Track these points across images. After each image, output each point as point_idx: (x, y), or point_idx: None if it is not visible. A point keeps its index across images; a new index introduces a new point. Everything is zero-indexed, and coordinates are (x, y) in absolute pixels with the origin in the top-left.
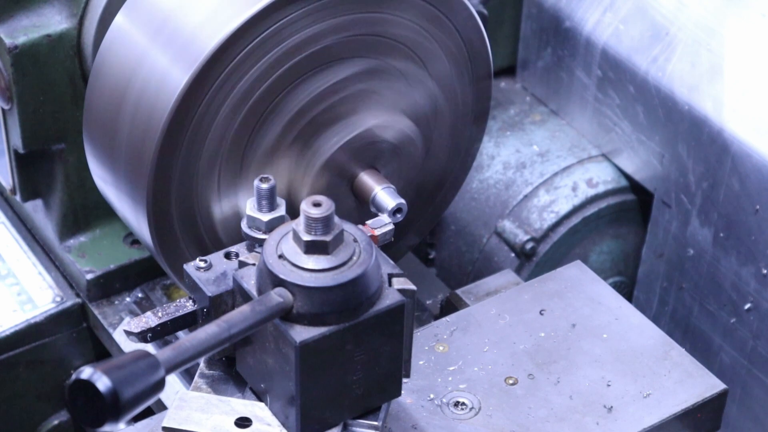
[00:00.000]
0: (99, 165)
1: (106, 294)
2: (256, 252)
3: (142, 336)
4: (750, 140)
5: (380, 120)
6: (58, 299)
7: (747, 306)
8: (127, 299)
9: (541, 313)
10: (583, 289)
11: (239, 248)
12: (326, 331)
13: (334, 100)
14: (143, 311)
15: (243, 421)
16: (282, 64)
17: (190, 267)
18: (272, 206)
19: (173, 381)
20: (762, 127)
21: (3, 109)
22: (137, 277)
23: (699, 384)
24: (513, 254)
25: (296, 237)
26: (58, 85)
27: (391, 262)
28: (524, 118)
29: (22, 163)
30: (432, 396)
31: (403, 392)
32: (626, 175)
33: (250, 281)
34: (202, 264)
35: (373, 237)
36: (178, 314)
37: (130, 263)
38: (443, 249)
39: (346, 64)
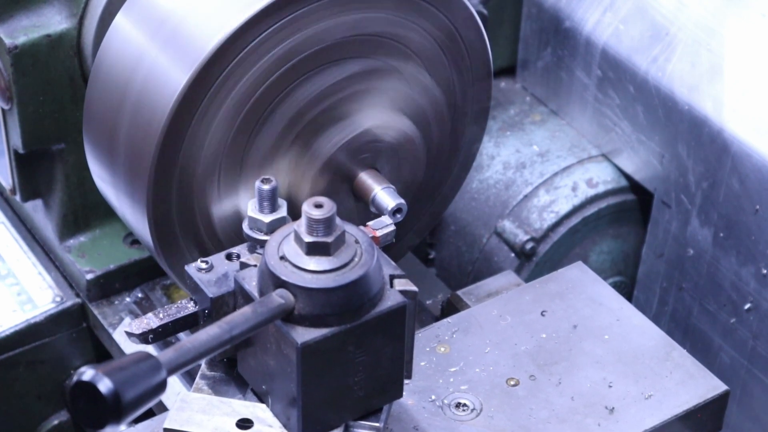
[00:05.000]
0: (99, 165)
1: (106, 294)
2: (258, 253)
3: (144, 337)
4: (750, 140)
5: (380, 120)
6: (58, 299)
7: (747, 306)
8: (127, 299)
9: (542, 314)
10: (584, 290)
11: (241, 249)
12: (328, 333)
13: (334, 100)
14: (143, 311)
15: (244, 423)
16: (282, 65)
17: (191, 268)
18: (274, 207)
19: (174, 382)
20: (762, 127)
21: (3, 109)
22: (137, 277)
23: (700, 385)
24: (513, 254)
25: (298, 238)
26: (58, 85)
27: (393, 263)
28: (524, 118)
29: (22, 163)
30: (433, 397)
31: (404, 393)
32: (626, 175)
33: (251, 282)
34: (203, 265)
35: (374, 238)
36: (179, 315)
37: (130, 263)
38: (443, 249)
39: (345, 64)
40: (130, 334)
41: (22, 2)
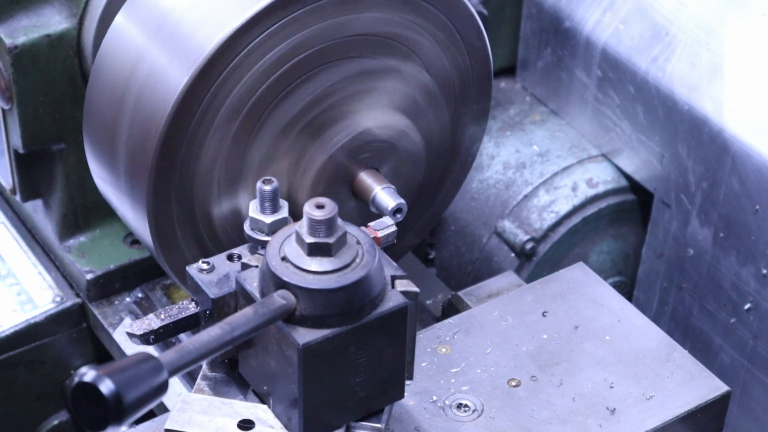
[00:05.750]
0: (99, 165)
1: (106, 294)
2: (259, 254)
3: (145, 338)
4: (750, 140)
5: (380, 120)
6: (58, 299)
7: (747, 306)
8: (127, 299)
9: (543, 315)
10: (585, 291)
11: (242, 250)
12: (329, 334)
13: (334, 101)
14: (143, 311)
15: (245, 424)
16: (282, 64)
17: (192, 269)
18: (275, 208)
19: (175, 383)
20: (762, 127)
21: (3, 109)
22: (137, 277)
23: (702, 386)
24: (513, 254)
25: (299, 239)
26: (58, 85)
27: (394, 264)
28: (524, 118)
29: (22, 163)
30: (435, 398)
31: (405, 394)
32: (626, 175)
33: (252, 283)
34: (204, 266)
35: (375, 239)
36: (180, 316)
37: (130, 263)
38: (443, 249)
39: (346, 64)
40: (131, 335)
41: (22, 2)
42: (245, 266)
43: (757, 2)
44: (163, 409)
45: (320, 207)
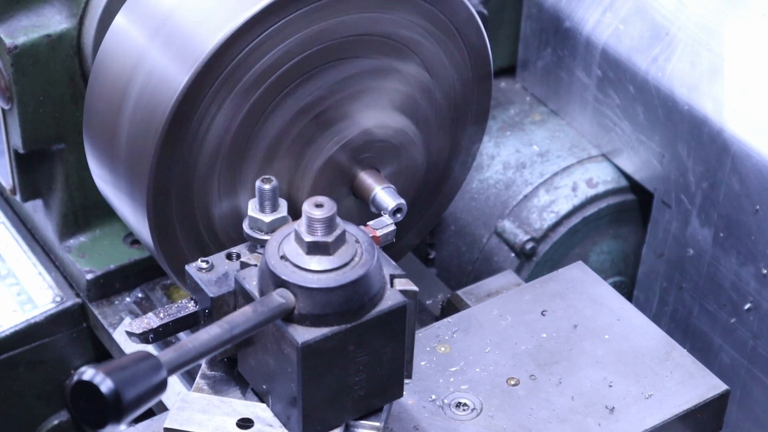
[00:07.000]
0: (99, 165)
1: (106, 294)
2: (258, 253)
3: (144, 337)
4: (750, 140)
5: (380, 120)
6: (58, 299)
7: (747, 306)
8: (127, 299)
9: (542, 314)
10: (584, 290)
11: (241, 249)
12: (328, 332)
13: (335, 100)
14: (143, 311)
15: (245, 422)
16: (282, 64)
17: (191, 268)
18: (274, 207)
19: (174, 382)
20: (762, 127)
21: (3, 109)
22: (137, 277)
23: (701, 385)
24: (513, 254)
25: (298, 238)
26: (58, 85)
27: (393, 263)
28: (524, 118)
29: (22, 163)
30: (434, 397)
31: (404, 393)
32: (626, 175)
33: (251, 282)
34: (203, 265)
35: (374, 238)
36: (179, 315)
37: (130, 263)
38: (443, 249)
39: (346, 64)
40: (130, 334)
41: (22, 2)
42: (244, 265)
43: (757, 2)
44: (162, 407)
45: (319, 206)
